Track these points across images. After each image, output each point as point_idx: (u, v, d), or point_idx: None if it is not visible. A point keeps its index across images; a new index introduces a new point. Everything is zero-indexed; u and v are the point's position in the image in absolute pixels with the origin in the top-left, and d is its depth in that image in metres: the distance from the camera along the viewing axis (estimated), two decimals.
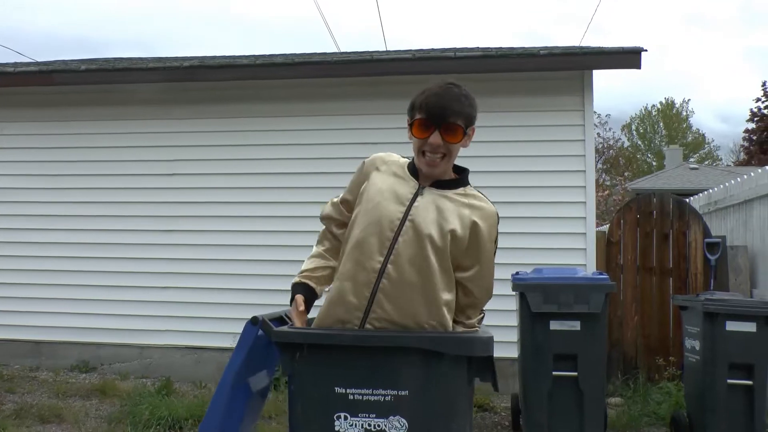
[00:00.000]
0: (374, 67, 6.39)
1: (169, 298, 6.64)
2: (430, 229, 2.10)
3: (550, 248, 6.11)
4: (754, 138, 32.44)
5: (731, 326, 4.18)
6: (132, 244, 6.74)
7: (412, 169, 2.21)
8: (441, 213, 2.12)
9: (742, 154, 37.12)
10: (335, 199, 2.40)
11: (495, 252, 2.24)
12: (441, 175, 2.18)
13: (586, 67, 6.06)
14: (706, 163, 36.90)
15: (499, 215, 2.23)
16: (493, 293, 2.31)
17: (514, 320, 4.83)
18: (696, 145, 43.77)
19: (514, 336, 4.85)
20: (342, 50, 9.68)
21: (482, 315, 2.40)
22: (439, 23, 56.27)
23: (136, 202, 6.78)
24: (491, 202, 2.22)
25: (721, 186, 7.47)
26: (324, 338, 2.08)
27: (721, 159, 41.52)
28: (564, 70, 6.15)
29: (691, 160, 35.78)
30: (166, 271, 6.67)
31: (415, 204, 2.13)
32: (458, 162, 2.25)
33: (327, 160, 6.43)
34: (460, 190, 2.20)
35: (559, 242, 6.13)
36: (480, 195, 2.22)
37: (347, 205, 2.32)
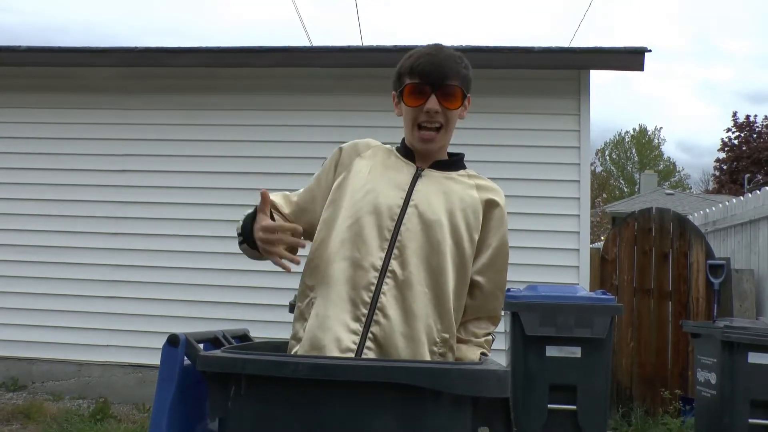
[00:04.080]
0: (349, 57, 5.91)
1: (113, 309, 6.01)
2: (438, 215, 1.78)
3: (538, 264, 5.57)
4: (725, 167, 32.82)
5: (754, 358, 3.80)
6: (72, 247, 6.11)
7: (404, 152, 1.90)
8: (448, 197, 1.82)
9: (711, 183, 37.55)
10: (286, 192, 1.97)
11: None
12: (439, 152, 1.89)
13: (586, 67, 5.62)
14: (678, 190, 37.20)
15: None
16: None
17: (502, 343, 4.27)
18: (667, 173, 44.25)
19: (502, 361, 4.27)
20: None
21: (492, 338, 1.95)
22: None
23: (79, 201, 6.16)
24: None
25: (720, 205, 7.04)
26: (272, 367, 1.46)
27: (690, 188, 41.98)
28: (561, 69, 5.70)
29: (664, 186, 35.98)
30: (109, 279, 6.04)
31: (417, 188, 1.81)
32: None
33: (296, 159, 5.84)
34: (462, 171, 1.92)
35: (549, 258, 5.61)
36: (485, 178, 1.95)
37: (305, 196, 1.90)
